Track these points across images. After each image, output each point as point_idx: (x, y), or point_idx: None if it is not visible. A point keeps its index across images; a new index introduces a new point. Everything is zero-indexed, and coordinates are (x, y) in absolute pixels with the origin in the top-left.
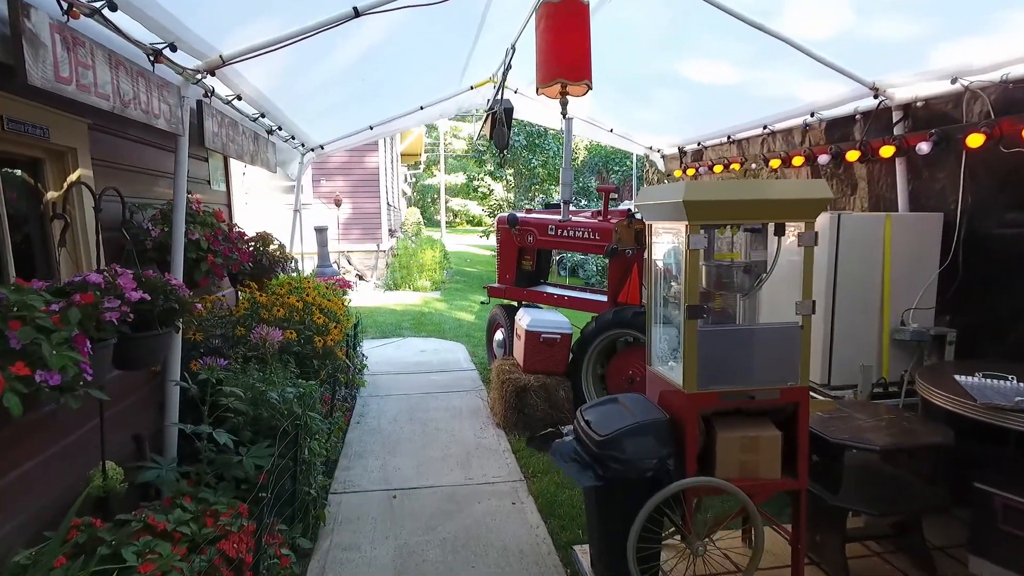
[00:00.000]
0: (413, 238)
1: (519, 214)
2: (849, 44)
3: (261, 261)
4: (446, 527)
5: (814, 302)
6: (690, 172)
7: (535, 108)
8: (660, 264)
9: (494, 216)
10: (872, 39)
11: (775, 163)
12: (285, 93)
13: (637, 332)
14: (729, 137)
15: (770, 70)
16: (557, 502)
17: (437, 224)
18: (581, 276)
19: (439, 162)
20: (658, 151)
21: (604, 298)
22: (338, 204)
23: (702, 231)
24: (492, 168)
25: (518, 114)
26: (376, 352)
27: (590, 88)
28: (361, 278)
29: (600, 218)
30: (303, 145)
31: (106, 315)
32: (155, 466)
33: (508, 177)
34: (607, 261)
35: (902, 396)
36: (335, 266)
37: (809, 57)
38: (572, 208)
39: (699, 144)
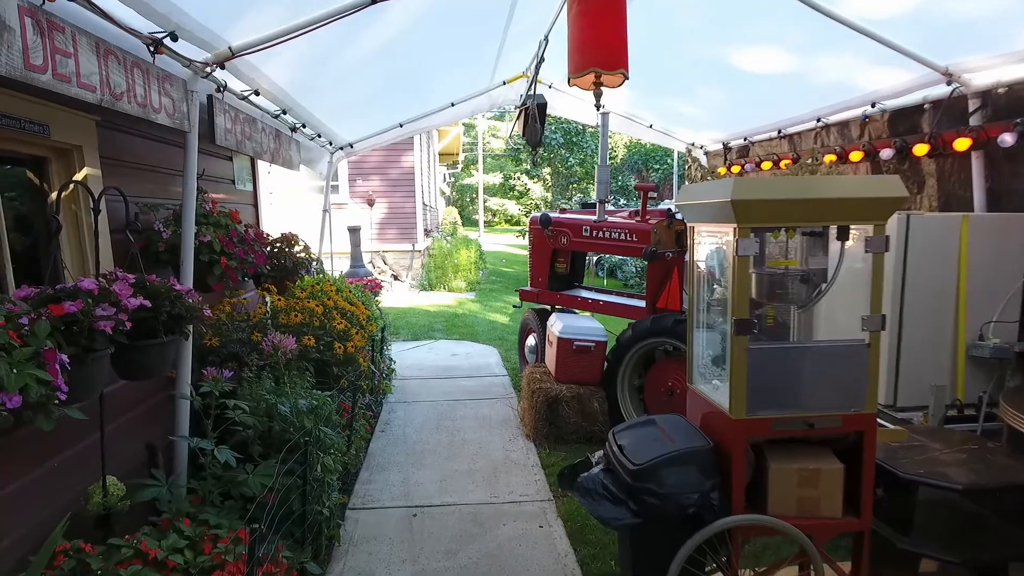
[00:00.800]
0: (448, 238)
1: (552, 214)
2: (918, 24)
3: (284, 263)
4: (468, 552)
5: (884, 316)
6: (735, 169)
7: (571, 104)
8: (703, 268)
9: (531, 215)
10: (946, 18)
11: (830, 158)
12: (305, 88)
13: (677, 341)
14: (779, 131)
15: (826, 56)
16: (588, 526)
17: (475, 223)
18: (620, 278)
19: (477, 161)
20: (700, 147)
21: (642, 303)
22: (371, 204)
23: (753, 235)
24: (528, 167)
25: (553, 110)
26: (406, 355)
27: (626, 78)
28: (396, 278)
29: (638, 218)
30: (331, 144)
31: (99, 324)
32: (156, 483)
33: (545, 176)
34: (645, 264)
35: (980, 421)
36: (370, 266)
37: (872, 40)
38: (609, 208)
39: (745, 139)
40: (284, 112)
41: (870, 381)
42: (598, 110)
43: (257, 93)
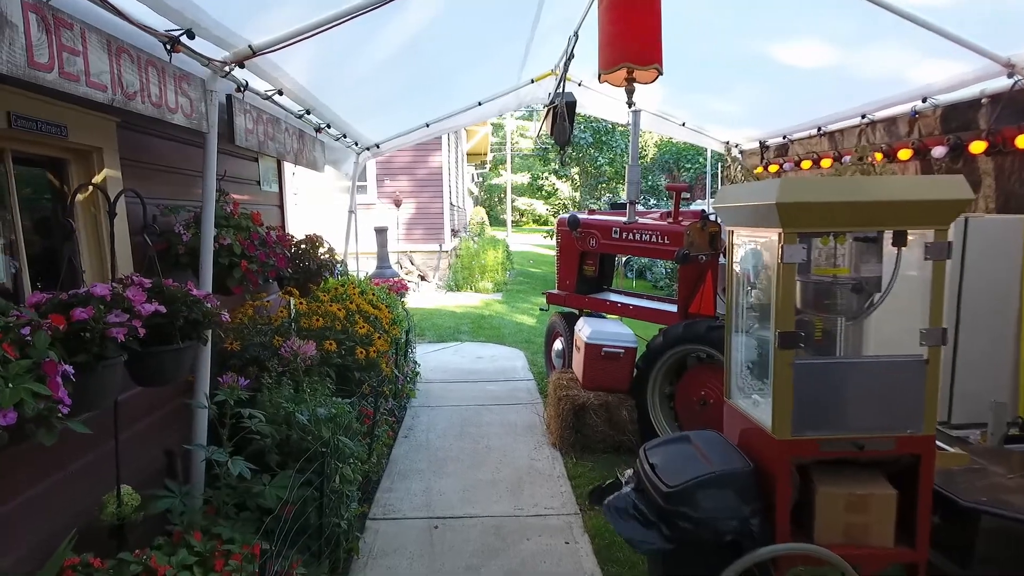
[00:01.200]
0: (476, 238)
1: (580, 215)
2: (977, 13)
3: (308, 265)
4: (490, 568)
5: (944, 330)
6: (773, 168)
7: (601, 102)
8: (740, 271)
9: (558, 215)
10: (1007, 4)
11: (878, 157)
12: (328, 87)
13: (711, 348)
14: (819, 129)
15: (873, 48)
16: (617, 543)
17: (503, 223)
18: (649, 279)
19: (506, 161)
20: (735, 146)
21: (673, 308)
22: (398, 204)
23: (799, 240)
24: (556, 167)
25: (583, 108)
26: (431, 357)
27: (660, 74)
28: (423, 279)
29: (670, 220)
30: (356, 144)
31: (111, 331)
32: (170, 494)
33: (574, 176)
34: (677, 267)
35: None
36: (396, 266)
37: (925, 30)
38: (639, 208)
39: (784, 137)
40: (308, 112)
41: (928, 400)
42: (630, 108)
43: (281, 93)
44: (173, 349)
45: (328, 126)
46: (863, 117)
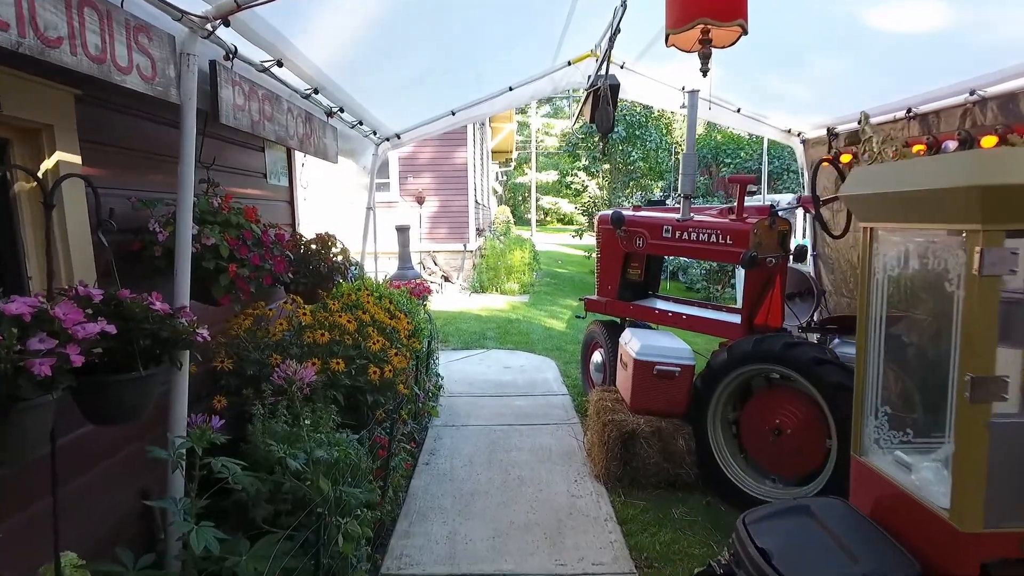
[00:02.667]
0: (501, 237)
1: (626, 212)
2: None
3: (318, 268)
4: None
5: None
6: (845, 159)
7: (644, 86)
8: (880, 281)
9: (587, 214)
10: None
11: (988, 141)
12: (340, 66)
13: (788, 369)
14: (908, 110)
15: (995, 4)
16: None
17: (528, 223)
18: (683, 280)
19: (530, 160)
20: (797, 134)
21: (735, 318)
22: (420, 202)
23: (1006, 243)
24: (587, 163)
25: (623, 94)
26: (455, 367)
27: (744, 32)
28: (447, 279)
29: (732, 217)
30: (375, 133)
31: (31, 363)
32: (120, 570)
33: (604, 171)
34: (742, 271)
35: None
36: (419, 267)
37: None
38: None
39: (860, 121)
40: (316, 92)
41: None
42: (704, 75)
43: (280, 64)
44: (133, 378)
45: (341, 110)
46: (972, 94)
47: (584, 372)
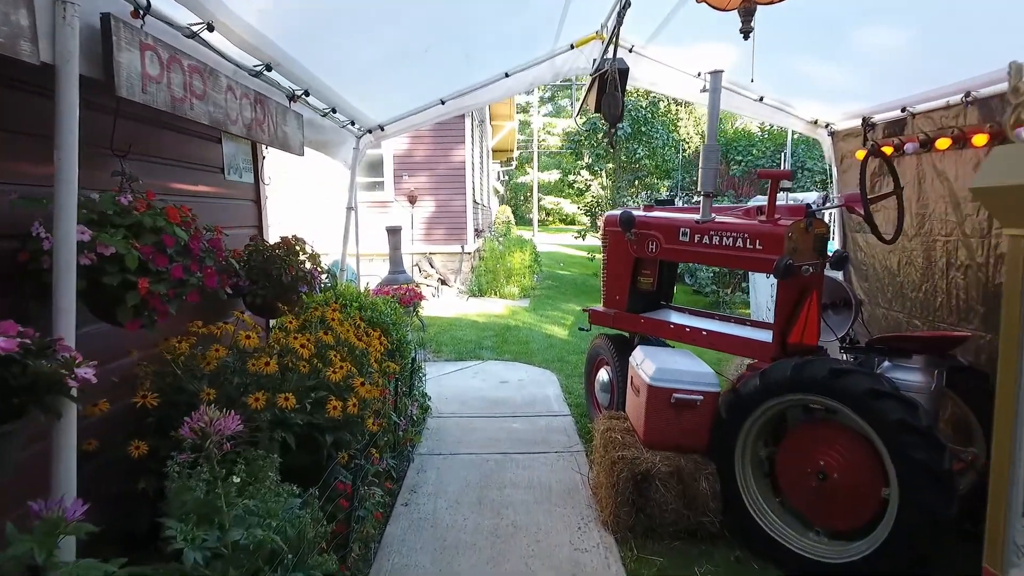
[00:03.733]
0: (501, 239)
1: (636, 212)
2: None
3: (280, 278)
4: None
5: None
6: (887, 151)
7: (655, 72)
8: None
9: (590, 214)
10: None
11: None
12: (297, 33)
13: (836, 402)
14: (967, 94)
15: None
16: None
17: (529, 223)
18: (689, 283)
19: (532, 159)
20: (825, 126)
21: (766, 335)
22: (412, 202)
23: None
24: (590, 161)
25: (633, 81)
26: (448, 381)
27: None
28: (444, 283)
29: (762, 217)
30: (352, 123)
31: None
32: None
33: (607, 170)
34: (758, 275)
35: None
36: (415, 269)
37: None
38: (690, 203)
39: (904, 110)
40: (269, 68)
41: None
42: (746, 38)
43: (211, 28)
44: None
45: (306, 93)
46: None
47: (588, 392)
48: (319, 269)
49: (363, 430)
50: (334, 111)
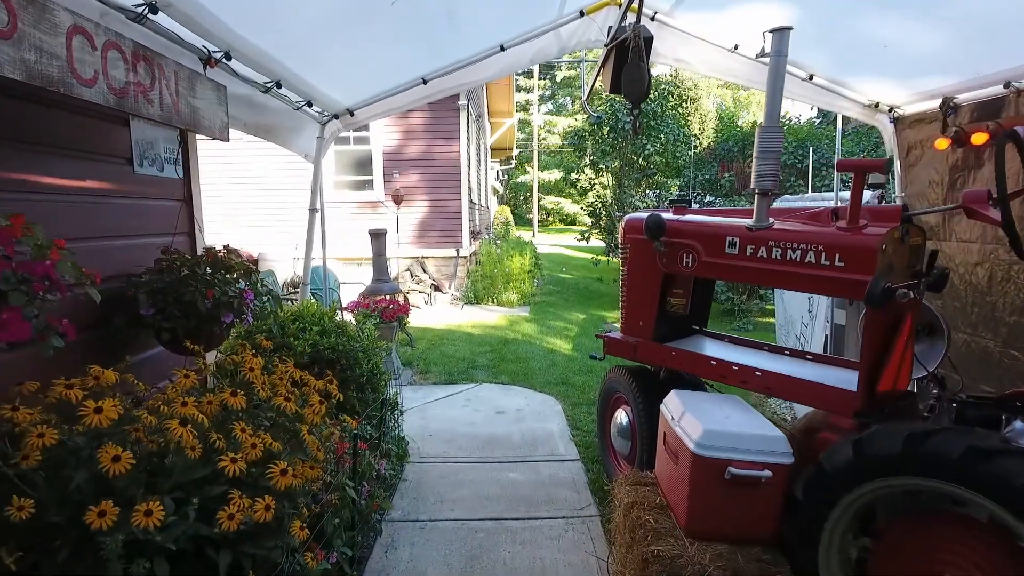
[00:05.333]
0: (498, 241)
1: (666, 215)
2: None
3: (194, 304)
4: None
5: None
6: (979, 138)
7: (683, 46)
8: None
9: (594, 215)
10: None
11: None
12: None
13: (978, 495)
14: None
15: None
16: None
17: (529, 223)
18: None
19: (532, 158)
20: (888, 110)
21: (844, 378)
22: (398, 202)
23: None
24: (594, 157)
25: (655, 56)
26: (434, 412)
27: None
28: (437, 289)
29: (842, 223)
30: (310, 105)
31: None
32: None
33: (613, 167)
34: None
35: None
36: (407, 275)
37: None
38: (733, 205)
39: (1008, 85)
40: (155, 10)
41: None
42: None
43: None
44: None
45: (227, 56)
46: None
47: (603, 435)
48: (257, 289)
49: (287, 538)
50: (278, 85)
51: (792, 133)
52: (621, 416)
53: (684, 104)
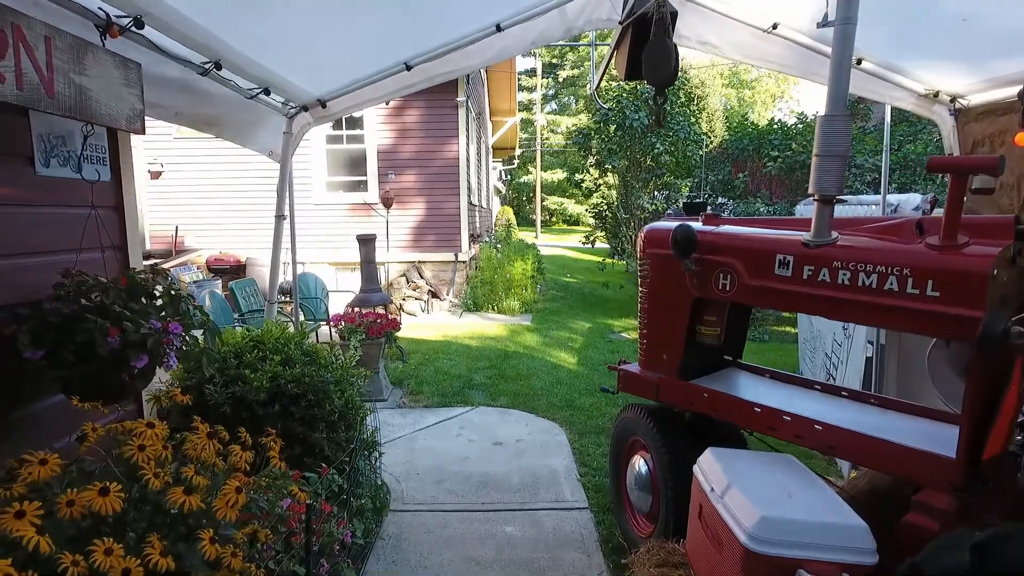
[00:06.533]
0: (499, 245)
1: (698, 226)
2: None
3: (92, 346)
4: None
5: None
6: None
7: (709, 25)
8: None
9: (599, 217)
10: None
11: None
12: None
13: None
14: None
15: None
16: None
17: (532, 223)
18: None
19: (535, 158)
20: (950, 100)
21: (939, 438)
22: (388, 205)
23: None
24: (599, 156)
25: (677, 38)
26: (424, 442)
27: None
28: (435, 295)
29: (933, 239)
30: (268, 93)
31: None
32: None
33: (620, 166)
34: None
35: None
36: (402, 280)
37: None
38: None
39: None
40: None
41: None
42: None
43: None
44: None
45: (138, 24)
46: None
47: (617, 485)
48: (188, 320)
49: None
50: (218, 67)
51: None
52: (639, 464)
53: (692, 103)
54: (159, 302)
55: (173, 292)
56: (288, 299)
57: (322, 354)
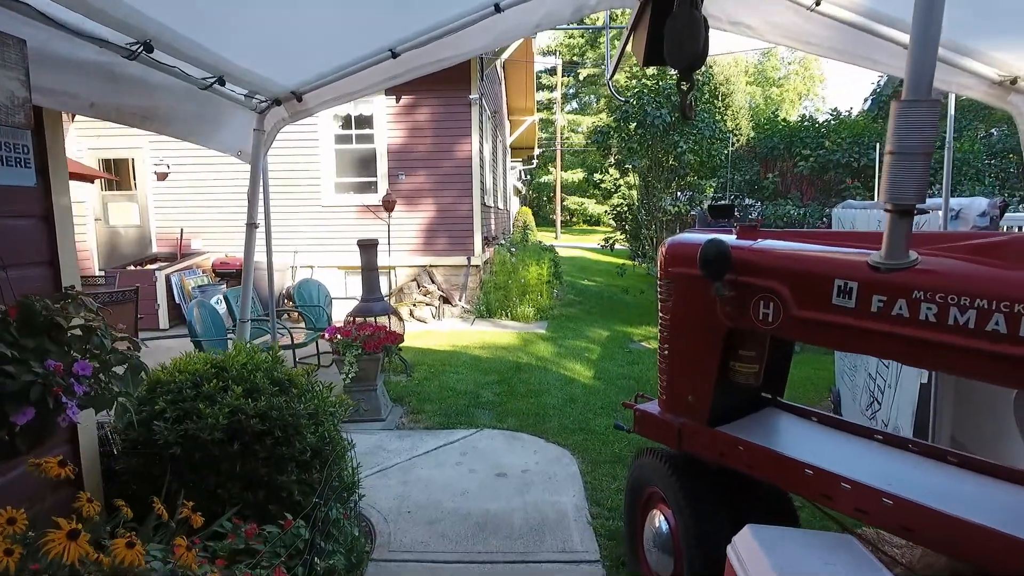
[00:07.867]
0: (513, 248)
1: (734, 240)
2: None
3: None
4: None
5: None
6: None
7: (746, 4)
8: None
9: (619, 218)
10: None
11: None
12: None
13: None
14: None
15: None
16: None
17: (552, 224)
18: None
19: (555, 158)
20: None
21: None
22: (389, 208)
23: None
24: (619, 156)
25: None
26: (419, 472)
27: None
28: (447, 300)
29: None
30: (223, 83)
31: None
32: None
33: (641, 166)
34: None
35: None
36: (412, 285)
37: None
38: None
39: None
40: None
41: None
42: None
43: None
44: None
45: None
46: None
47: (632, 541)
48: (103, 357)
49: None
50: (148, 49)
51: (846, 128)
52: (659, 521)
53: (716, 100)
54: (71, 332)
55: (88, 323)
56: (294, 305)
57: (297, 382)
